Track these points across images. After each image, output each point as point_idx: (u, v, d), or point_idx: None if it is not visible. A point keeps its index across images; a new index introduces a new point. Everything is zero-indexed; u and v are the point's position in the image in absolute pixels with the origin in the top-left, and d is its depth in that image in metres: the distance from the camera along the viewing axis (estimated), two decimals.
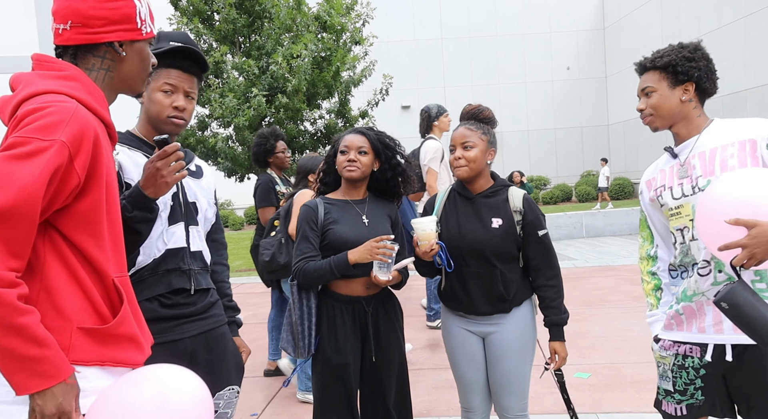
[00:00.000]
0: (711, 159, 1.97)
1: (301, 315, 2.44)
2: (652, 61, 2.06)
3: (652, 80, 2.06)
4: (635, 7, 22.03)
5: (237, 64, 10.26)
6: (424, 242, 2.36)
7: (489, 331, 2.48)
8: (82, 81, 1.42)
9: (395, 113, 23.87)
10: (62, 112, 1.29)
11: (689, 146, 2.04)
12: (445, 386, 4.24)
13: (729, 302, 1.68)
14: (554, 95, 25.08)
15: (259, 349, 5.41)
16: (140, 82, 1.56)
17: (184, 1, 10.78)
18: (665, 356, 2.09)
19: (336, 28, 10.72)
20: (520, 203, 2.46)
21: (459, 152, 2.46)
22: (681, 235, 2.05)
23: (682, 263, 2.06)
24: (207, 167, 2.24)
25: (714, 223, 1.74)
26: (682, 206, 2.03)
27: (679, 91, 2.03)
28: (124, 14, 1.46)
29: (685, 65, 2.00)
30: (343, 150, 2.50)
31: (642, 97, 2.10)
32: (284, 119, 10.50)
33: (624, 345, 4.92)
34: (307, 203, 2.52)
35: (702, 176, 1.98)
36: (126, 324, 1.43)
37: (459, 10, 24.90)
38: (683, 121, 2.05)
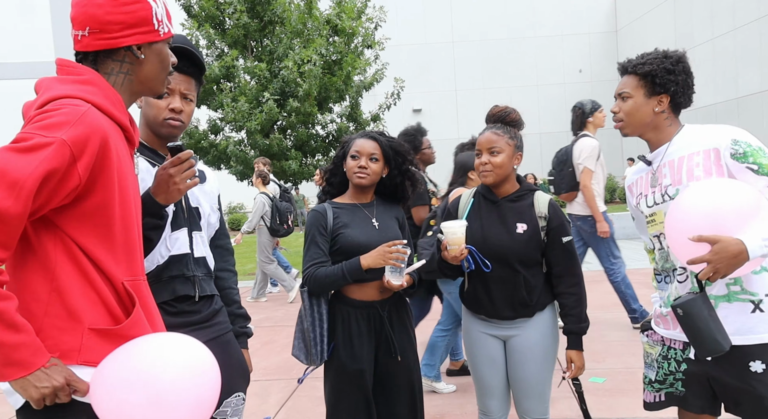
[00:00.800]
0: (679, 168, 2.01)
1: (313, 321, 2.41)
2: (633, 67, 2.08)
3: (630, 86, 2.08)
4: (648, 9, 21.90)
5: (249, 69, 10.32)
6: (454, 246, 2.32)
7: (511, 334, 2.45)
8: (100, 85, 1.42)
9: (406, 116, 23.88)
10: (70, 113, 1.30)
11: (660, 154, 2.08)
12: (458, 390, 4.22)
13: (685, 310, 1.80)
14: (566, 98, 24.95)
15: (271, 352, 5.41)
16: (160, 83, 1.55)
17: (196, 7, 10.86)
18: (653, 345, 2.15)
19: (347, 31, 10.74)
20: (545, 209, 2.42)
21: (485, 157, 2.42)
22: (659, 241, 2.10)
23: (664, 268, 2.11)
24: (210, 171, 2.21)
25: (681, 235, 1.82)
26: (655, 214, 2.08)
27: (653, 101, 2.05)
28: (140, 17, 1.45)
29: (663, 77, 2.02)
30: (354, 155, 2.46)
31: (618, 99, 2.12)
32: (295, 123, 10.53)
33: (639, 349, 4.86)
34: (315, 208, 2.50)
35: (671, 185, 2.02)
36: (139, 326, 1.41)
37: (470, 13, 24.89)
38: (654, 130, 2.09)
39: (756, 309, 1.88)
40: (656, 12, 21.40)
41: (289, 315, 7.02)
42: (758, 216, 1.77)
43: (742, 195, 1.80)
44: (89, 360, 1.34)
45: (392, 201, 2.61)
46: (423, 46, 24.81)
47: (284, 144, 10.41)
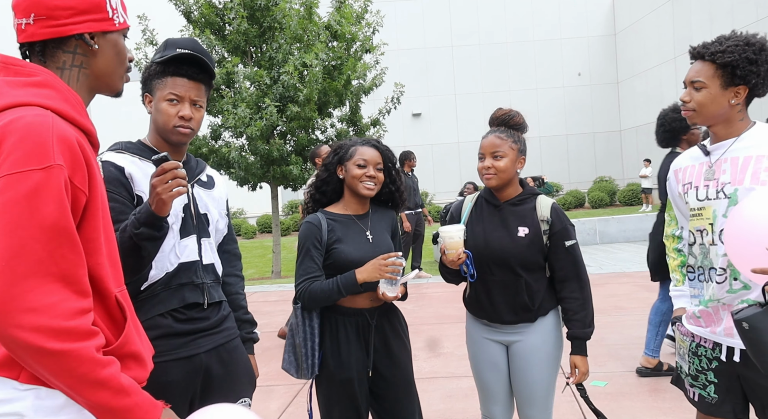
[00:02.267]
0: (744, 167, 1.89)
1: (305, 336, 2.38)
2: (711, 55, 1.89)
3: (705, 74, 1.91)
4: (646, 12, 21.95)
5: (249, 75, 10.33)
6: (451, 251, 2.32)
7: (513, 340, 2.44)
8: (57, 87, 1.28)
9: (406, 120, 23.91)
10: (42, 130, 1.16)
11: (724, 147, 1.95)
12: (460, 394, 4.21)
13: (752, 324, 1.68)
14: (565, 101, 25.01)
15: (272, 358, 5.40)
16: (118, 78, 1.41)
17: (195, 13, 10.89)
18: (683, 339, 2.10)
19: (346, 37, 10.76)
20: (548, 212, 2.41)
21: (488, 161, 2.40)
22: (701, 236, 2.00)
23: (701, 265, 2.02)
24: (219, 177, 2.20)
25: (746, 243, 1.70)
26: (704, 209, 1.98)
27: (730, 93, 1.90)
28: (92, 3, 1.31)
29: (745, 68, 1.86)
30: (361, 164, 2.40)
31: (689, 87, 1.95)
32: (295, 128, 10.55)
33: (640, 352, 4.85)
34: (309, 219, 2.42)
35: (730, 183, 1.91)
36: (130, 342, 1.35)
37: (469, 17, 24.95)
38: (724, 122, 1.95)
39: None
40: (655, 15, 21.44)
41: None
42: None
43: None
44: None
45: (386, 207, 2.59)
46: (422, 51, 24.86)
47: (284, 149, 10.42)
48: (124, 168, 1.88)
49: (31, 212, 1.12)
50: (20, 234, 1.11)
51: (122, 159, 1.91)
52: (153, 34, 10.83)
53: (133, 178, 1.89)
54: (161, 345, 1.80)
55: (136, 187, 1.89)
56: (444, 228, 2.35)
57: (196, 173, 2.08)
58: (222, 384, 1.99)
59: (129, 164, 1.90)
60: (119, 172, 1.87)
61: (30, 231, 1.11)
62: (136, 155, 1.94)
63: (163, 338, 1.86)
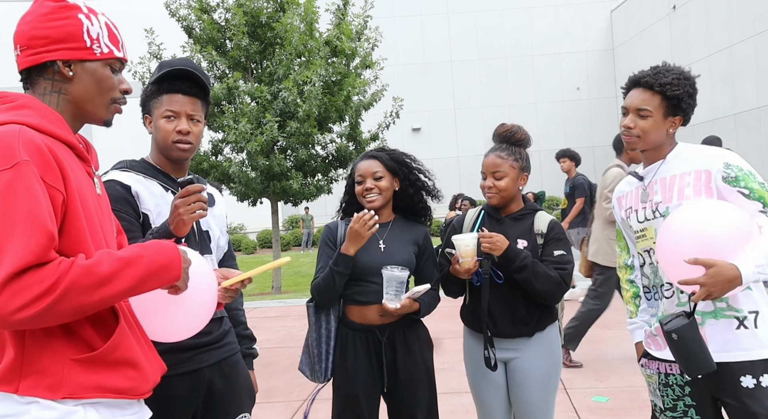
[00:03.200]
0: (670, 186, 2.02)
1: (318, 337, 2.39)
2: (661, 86, 2.01)
3: (651, 104, 2.02)
4: (644, 26, 22.12)
5: (249, 90, 10.39)
6: (466, 258, 2.31)
7: (511, 357, 2.43)
8: (34, 107, 1.35)
9: (406, 135, 23.98)
10: (8, 137, 1.25)
11: (653, 170, 2.10)
12: (461, 410, 4.18)
13: (680, 334, 1.82)
14: (565, 116, 25.11)
15: (272, 374, 5.37)
16: (100, 106, 1.45)
17: (197, 29, 10.98)
18: (651, 375, 2.14)
19: (346, 52, 10.84)
20: (544, 227, 2.43)
21: (490, 181, 2.43)
22: (648, 256, 2.10)
23: (653, 284, 2.11)
24: (218, 194, 2.22)
25: (673, 256, 1.84)
26: (646, 229, 2.09)
27: (669, 122, 2.04)
28: (67, 32, 1.37)
29: (686, 101, 2.02)
30: (359, 180, 2.44)
31: (632, 114, 2.06)
32: (296, 144, 10.58)
33: None
34: (328, 224, 2.51)
35: (662, 202, 2.03)
36: (123, 348, 1.35)
37: (468, 32, 25.14)
38: (657, 148, 2.09)
39: (741, 326, 1.90)
40: (652, 30, 21.60)
41: (290, 335, 6.97)
42: (749, 240, 1.80)
43: (735, 218, 1.83)
44: (73, 393, 1.28)
45: (415, 220, 2.55)
46: (421, 65, 25.01)
47: (285, 165, 10.46)
48: (130, 187, 1.91)
49: (6, 207, 1.20)
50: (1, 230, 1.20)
51: (128, 178, 1.93)
52: (160, 48, 10.91)
53: (140, 196, 1.91)
54: (165, 360, 1.80)
55: (142, 205, 1.91)
56: (458, 236, 2.35)
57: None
58: (223, 398, 1.99)
59: (135, 182, 1.92)
60: (126, 191, 1.89)
61: (5, 226, 1.20)
62: (140, 174, 1.96)
63: (166, 352, 1.85)
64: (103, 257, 1.26)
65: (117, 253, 1.29)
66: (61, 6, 1.39)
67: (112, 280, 1.24)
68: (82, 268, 1.22)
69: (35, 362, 1.27)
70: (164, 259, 1.33)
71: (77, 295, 1.21)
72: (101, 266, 1.24)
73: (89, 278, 1.22)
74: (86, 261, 1.24)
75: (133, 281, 1.27)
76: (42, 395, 1.26)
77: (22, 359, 1.27)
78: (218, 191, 2.24)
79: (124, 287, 1.26)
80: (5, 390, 1.26)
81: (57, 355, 1.28)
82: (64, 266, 1.22)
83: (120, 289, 1.26)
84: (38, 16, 1.38)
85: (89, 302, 1.23)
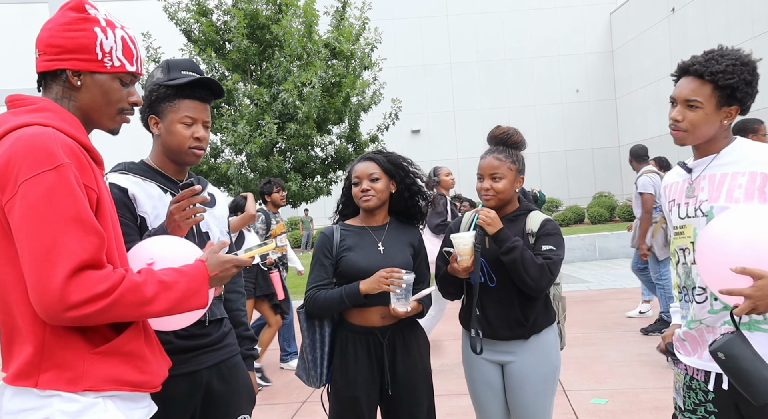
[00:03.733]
0: (720, 185, 1.86)
1: (312, 343, 2.39)
2: (711, 75, 1.80)
3: (702, 94, 1.83)
4: (643, 29, 22.16)
5: (248, 92, 10.40)
6: (465, 257, 2.31)
7: (507, 360, 2.42)
8: (54, 110, 1.42)
9: (405, 137, 24.01)
10: (45, 138, 1.31)
11: (703, 164, 1.92)
12: (460, 412, 4.17)
13: (727, 353, 1.63)
14: (564, 118, 25.16)
15: (271, 376, 5.37)
16: (107, 117, 1.52)
17: (196, 32, 11.00)
18: (678, 372, 2.03)
19: (345, 54, 10.85)
20: (536, 227, 2.42)
21: (487, 183, 2.41)
22: (683, 255, 1.97)
23: (685, 285, 1.98)
24: (220, 195, 2.23)
25: (715, 263, 1.68)
26: (685, 227, 1.95)
27: (723, 113, 1.84)
28: (80, 44, 1.44)
29: (743, 90, 1.80)
30: (355, 181, 2.44)
31: (681, 105, 1.88)
32: (295, 146, 10.59)
33: (641, 369, 4.83)
34: (324, 230, 2.49)
35: (707, 201, 1.87)
36: (136, 341, 1.42)
37: (467, 34, 25.19)
38: (711, 140, 1.90)
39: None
40: (651, 32, 21.65)
41: None
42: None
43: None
44: (93, 386, 1.34)
45: (409, 222, 2.56)
46: (421, 67, 25.05)
47: (284, 166, 10.46)
48: (127, 189, 1.91)
49: (53, 208, 1.26)
50: (50, 230, 1.26)
51: (125, 180, 1.92)
52: (157, 52, 10.92)
53: (137, 199, 1.91)
54: None
55: (139, 208, 1.91)
56: (456, 235, 2.35)
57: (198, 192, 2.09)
58: (222, 400, 1.99)
59: (132, 185, 1.92)
60: (123, 193, 1.89)
61: (57, 225, 1.26)
62: (139, 176, 1.96)
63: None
64: (148, 278, 1.35)
65: (159, 275, 1.38)
66: (80, 18, 1.46)
67: (153, 302, 1.34)
68: (132, 284, 1.32)
69: (55, 356, 1.32)
70: (197, 285, 1.44)
71: (123, 307, 1.30)
72: (146, 286, 1.33)
73: (135, 296, 1.31)
74: (135, 278, 1.33)
75: (169, 305, 1.37)
76: (63, 388, 1.31)
77: (42, 354, 1.32)
78: (219, 192, 2.24)
79: (161, 308, 1.36)
80: (24, 384, 1.31)
81: (76, 349, 1.34)
82: (118, 276, 1.30)
83: (158, 310, 1.36)
84: (58, 25, 1.45)
85: (130, 314, 1.33)
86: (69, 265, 1.24)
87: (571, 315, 5.30)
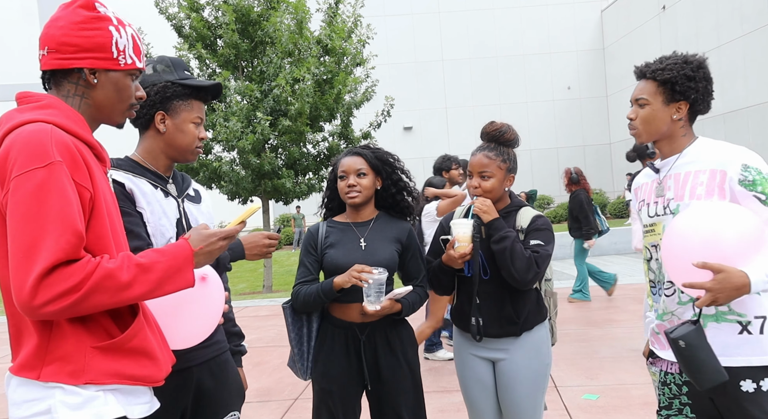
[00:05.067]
0: (684, 183, 1.95)
1: (298, 337, 2.45)
2: (652, 73, 1.99)
3: (648, 92, 2.00)
4: (634, 26, 22.25)
5: (240, 89, 10.36)
6: (462, 243, 2.29)
7: (499, 357, 2.42)
8: (59, 107, 1.44)
9: (397, 134, 23.98)
10: (41, 136, 1.33)
11: (669, 164, 2.02)
12: (452, 409, 4.18)
13: (688, 342, 1.74)
14: (555, 115, 25.22)
15: (262, 373, 5.36)
16: (118, 113, 1.56)
17: (187, 28, 10.93)
18: (655, 372, 2.09)
19: (338, 51, 10.82)
20: (526, 222, 2.41)
21: (476, 180, 2.40)
22: (656, 251, 2.04)
23: (659, 279, 2.06)
24: (204, 191, 2.23)
25: (679, 258, 1.78)
26: (655, 225, 2.04)
27: (671, 109, 1.98)
28: (96, 43, 1.47)
29: (684, 84, 1.95)
30: (341, 175, 2.43)
31: (634, 105, 2.04)
32: (287, 142, 10.56)
33: (632, 365, 4.86)
34: (310, 228, 2.51)
35: (673, 199, 1.97)
36: (140, 337, 1.44)
37: (459, 31, 25.18)
38: (668, 139, 2.02)
39: (744, 331, 1.83)
40: (642, 30, 21.73)
41: (281, 335, 6.96)
42: (760, 246, 1.73)
43: (747, 223, 1.75)
44: (93, 379, 1.37)
45: (398, 217, 2.54)
46: (413, 64, 25.02)
47: (276, 163, 10.43)
48: (124, 184, 1.90)
49: (39, 206, 1.29)
50: (32, 227, 1.28)
51: (121, 176, 1.92)
52: (149, 48, 10.85)
53: (134, 194, 1.91)
54: None
55: (137, 203, 1.91)
56: (455, 221, 2.34)
57: (183, 187, 2.09)
58: (213, 397, 1.99)
59: (126, 180, 1.92)
60: (121, 188, 1.90)
61: (40, 223, 1.28)
62: (129, 172, 1.95)
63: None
64: (124, 262, 1.35)
65: (136, 258, 1.38)
66: (94, 17, 1.48)
67: (131, 285, 1.34)
68: (106, 271, 1.31)
69: (58, 349, 1.36)
70: (179, 263, 1.42)
71: (100, 295, 1.31)
72: (121, 271, 1.33)
73: (111, 281, 1.31)
74: (110, 264, 1.33)
75: (150, 286, 1.37)
76: (64, 381, 1.35)
77: (47, 346, 1.36)
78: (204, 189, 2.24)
79: (142, 291, 1.36)
80: (28, 376, 1.35)
81: (79, 343, 1.37)
82: (90, 266, 1.30)
83: (138, 293, 1.36)
84: (71, 24, 1.46)
85: (110, 302, 1.34)
86: (43, 264, 1.26)
87: (562, 312, 5.33)
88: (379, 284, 2.25)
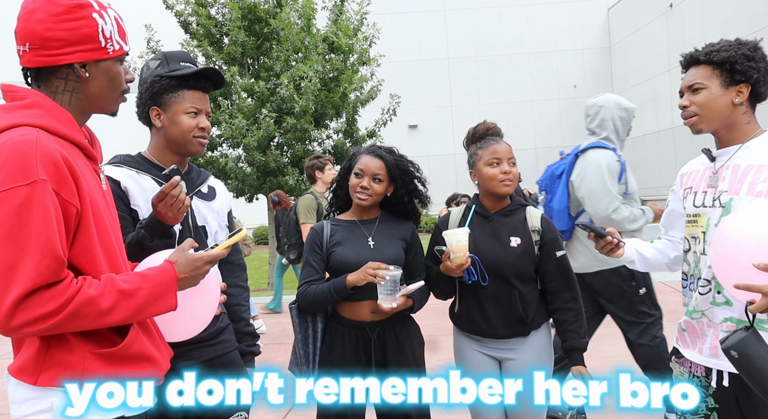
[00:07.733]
0: (742, 176, 1.80)
1: (304, 339, 2.38)
2: (706, 55, 1.83)
3: (702, 76, 1.83)
4: (641, 25, 22.12)
5: (246, 86, 10.36)
6: (458, 254, 2.26)
7: (507, 357, 2.40)
8: (45, 106, 1.36)
9: (402, 132, 23.94)
10: (25, 148, 1.26)
11: (728, 154, 1.87)
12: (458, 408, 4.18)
13: (740, 352, 1.58)
14: (561, 113, 25.11)
15: None
16: (111, 101, 1.48)
17: (194, 25, 10.94)
18: (682, 372, 2.00)
19: (344, 49, 10.82)
20: (538, 223, 2.39)
21: (506, 166, 2.36)
22: (694, 243, 1.93)
23: (693, 273, 1.95)
24: (222, 188, 2.20)
25: (732, 259, 1.64)
26: (699, 216, 1.91)
27: (732, 92, 1.82)
28: (83, 34, 1.36)
29: (744, 64, 1.79)
30: (358, 173, 2.39)
31: (687, 93, 1.88)
32: (292, 140, 10.56)
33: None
34: (314, 226, 2.47)
35: (726, 192, 1.83)
36: (138, 343, 1.42)
37: (465, 30, 25.10)
38: (729, 126, 1.85)
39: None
40: (649, 28, 21.61)
41: (286, 332, 6.96)
42: None
43: None
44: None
45: (401, 217, 2.52)
46: (418, 62, 24.98)
47: (281, 160, 10.43)
48: (120, 182, 1.89)
49: (20, 226, 1.23)
50: (12, 247, 1.23)
51: (119, 173, 1.91)
52: (158, 44, 10.87)
53: (129, 191, 1.90)
54: None
55: (132, 201, 1.91)
56: (449, 232, 2.30)
57: (196, 184, 2.08)
58: None
59: (125, 177, 1.91)
60: (116, 186, 1.88)
61: (20, 244, 1.23)
62: (134, 169, 1.94)
63: None
64: (106, 287, 1.32)
65: (119, 283, 1.34)
66: (75, 5, 1.36)
67: (111, 311, 1.31)
68: (87, 297, 1.28)
69: (57, 355, 1.35)
70: (162, 289, 1.40)
71: (79, 321, 1.29)
72: (102, 298, 1.30)
73: (91, 308, 1.29)
74: (91, 291, 1.30)
75: (131, 311, 1.35)
76: (61, 384, 1.34)
77: (46, 352, 1.34)
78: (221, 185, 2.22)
79: (122, 316, 1.34)
80: (25, 380, 1.35)
81: (78, 349, 1.36)
82: (71, 291, 1.27)
83: (118, 318, 1.34)
84: (52, 16, 1.34)
85: (89, 326, 1.32)
86: (21, 288, 1.22)
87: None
88: (394, 281, 2.23)
